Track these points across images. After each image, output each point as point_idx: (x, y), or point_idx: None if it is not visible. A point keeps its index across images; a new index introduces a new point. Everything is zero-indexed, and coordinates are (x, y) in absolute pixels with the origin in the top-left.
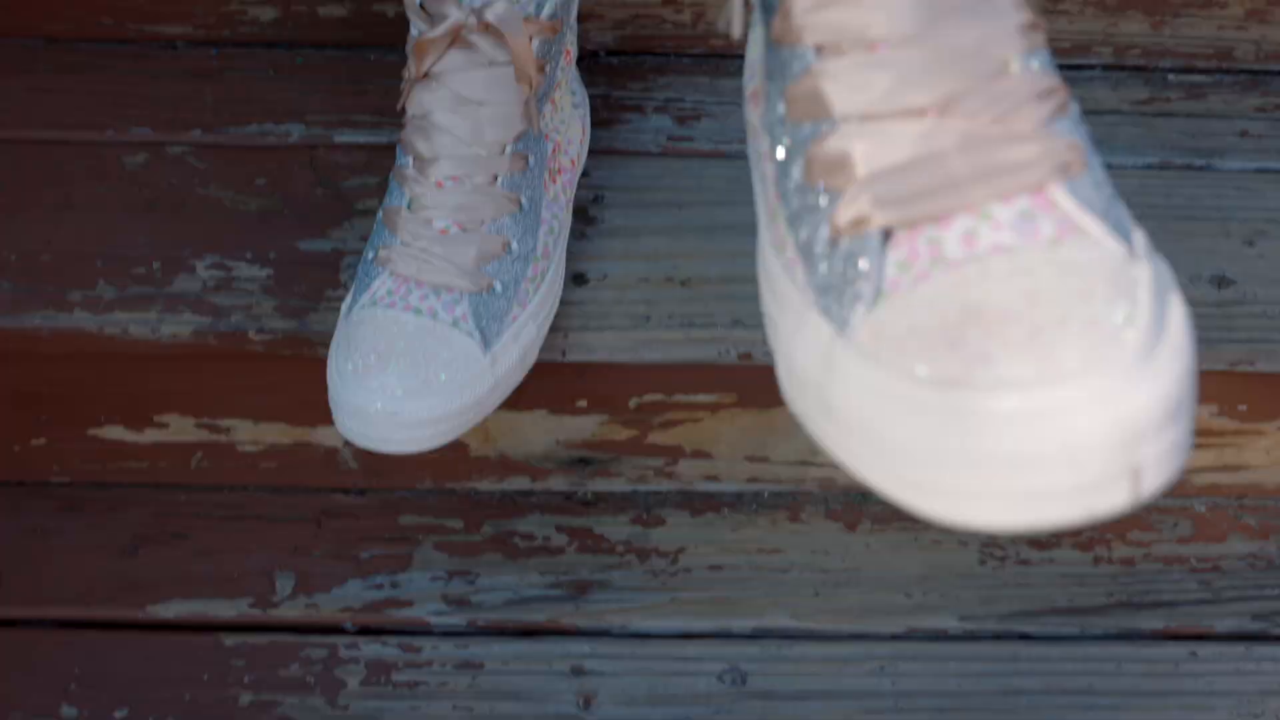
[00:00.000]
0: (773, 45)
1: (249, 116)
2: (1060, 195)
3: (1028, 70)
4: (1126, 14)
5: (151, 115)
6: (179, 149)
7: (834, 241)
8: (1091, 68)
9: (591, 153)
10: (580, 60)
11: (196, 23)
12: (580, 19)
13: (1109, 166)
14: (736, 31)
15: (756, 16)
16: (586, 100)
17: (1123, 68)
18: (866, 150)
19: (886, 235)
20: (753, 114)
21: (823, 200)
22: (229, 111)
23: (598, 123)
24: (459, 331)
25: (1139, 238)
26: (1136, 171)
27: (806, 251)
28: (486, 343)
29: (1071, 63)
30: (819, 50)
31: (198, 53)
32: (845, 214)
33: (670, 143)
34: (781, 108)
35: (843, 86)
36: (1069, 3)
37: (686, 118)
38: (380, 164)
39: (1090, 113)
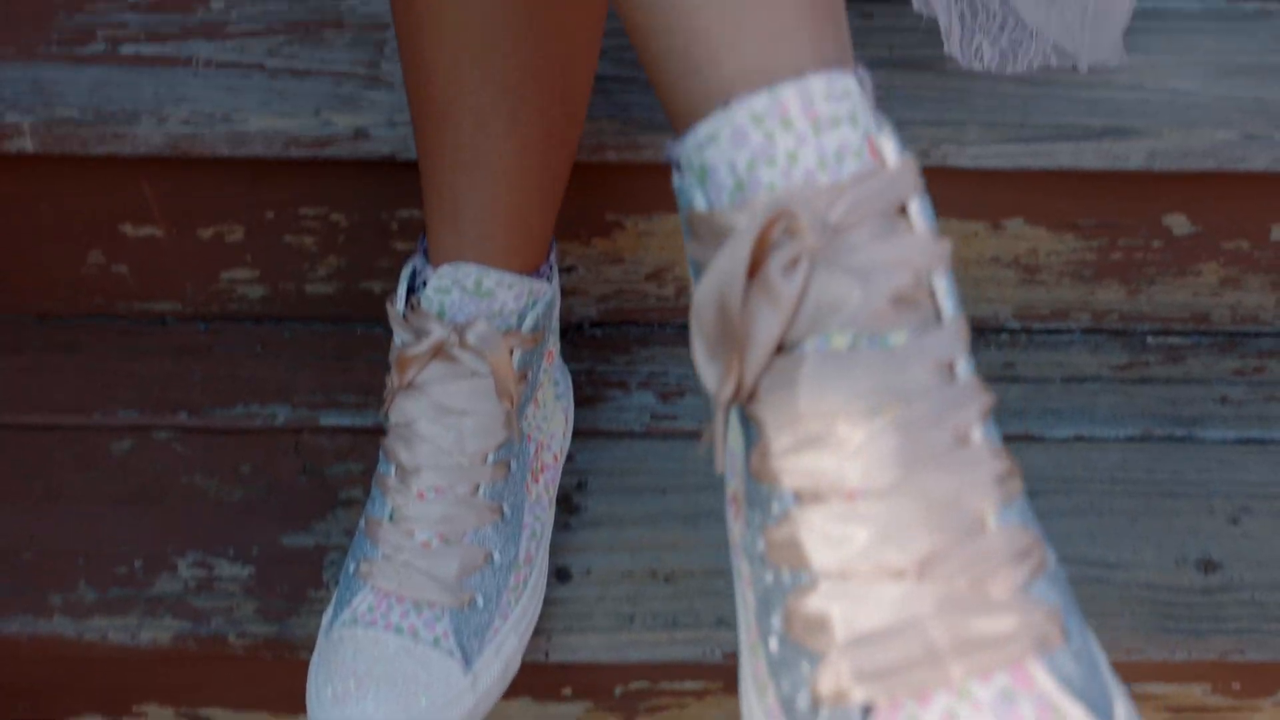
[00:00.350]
0: (752, 477)
1: (235, 397)
2: (1039, 673)
3: (1005, 525)
4: (1103, 283)
5: (139, 396)
6: (165, 434)
7: (815, 708)
8: (1070, 331)
9: (575, 433)
10: (564, 334)
11: (186, 300)
12: (564, 294)
13: (1090, 439)
14: (720, 466)
15: (734, 409)
16: (570, 387)
17: (1101, 331)
18: (845, 612)
19: (867, 709)
20: (733, 525)
21: (803, 661)
22: (216, 391)
23: (581, 400)
24: (439, 651)
25: (1121, 712)
26: (1119, 444)
27: (789, 708)
28: (468, 661)
29: (1050, 327)
30: (797, 496)
31: (186, 328)
32: (826, 683)
33: (653, 421)
34: (761, 545)
35: (821, 540)
36: (1045, 274)
37: (670, 394)
38: (365, 449)
39: (1070, 379)
